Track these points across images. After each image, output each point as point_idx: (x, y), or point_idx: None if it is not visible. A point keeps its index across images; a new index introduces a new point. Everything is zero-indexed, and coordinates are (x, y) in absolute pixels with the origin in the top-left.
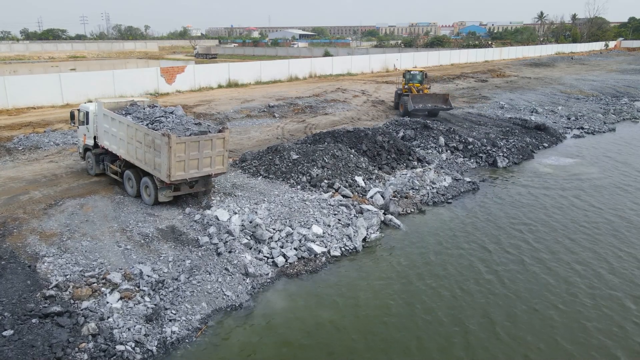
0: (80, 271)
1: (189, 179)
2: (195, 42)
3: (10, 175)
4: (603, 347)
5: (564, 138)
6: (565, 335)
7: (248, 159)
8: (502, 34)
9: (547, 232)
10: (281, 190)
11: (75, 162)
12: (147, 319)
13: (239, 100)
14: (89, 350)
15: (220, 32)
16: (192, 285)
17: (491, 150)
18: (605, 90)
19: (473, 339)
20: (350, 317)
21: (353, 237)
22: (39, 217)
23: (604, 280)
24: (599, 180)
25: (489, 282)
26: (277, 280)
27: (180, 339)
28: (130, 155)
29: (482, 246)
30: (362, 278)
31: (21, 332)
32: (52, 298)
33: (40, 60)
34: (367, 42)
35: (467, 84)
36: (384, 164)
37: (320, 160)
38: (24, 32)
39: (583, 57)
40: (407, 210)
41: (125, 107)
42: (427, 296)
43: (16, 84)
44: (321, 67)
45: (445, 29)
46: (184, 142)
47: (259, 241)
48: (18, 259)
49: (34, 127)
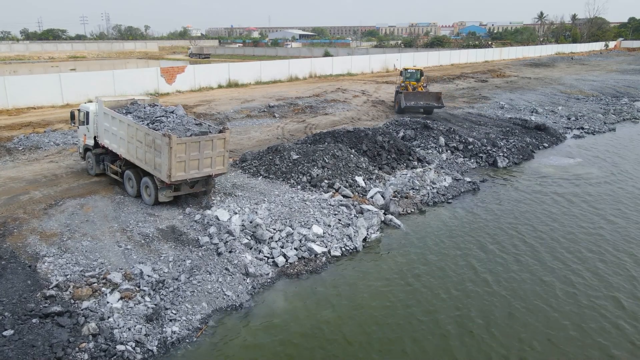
0: (81, 271)
1: (189, 179)
2: (195, 42)
3: (11, 175)
4: (602, 348)
5: (564, 138)
6: (562, 335)
7: (248, 159)
8: (502, 34)
9: (547, 232)
10: (281, 190)
11: (75, 162)
12: (147, 319)
13: (239, 100)
14: (90, 350)
15: (220, 32)
16: (192, 285)
17: (491, 150)
18: (605, 90)
19: (471, 339)
20: (351, 317)
21: (353, 237)
22: (39, 217)
23: (603, 280)
24: (599, 180)
25: (489, 282)
26: (278, 280)
27: (181, 338)
28: (130, 155)
29: (482, 246)
30: (363, 278)
31: (21, 332)
32: (53, 298)
33: (40, 60)
34: (367, 42)
35: (467, 84)
36: (384, 164)
37: (320, 160)
38: (24, 32)
39: (583, 57)
40: (408, 210)
41: (125, 105)
42: (427, 296)
43: (16, 84)
44: (321, 67)
45: (445, 29)
46: (185, 142)
47: (259, 241)
48: (18, 258)
49: (34, 127)
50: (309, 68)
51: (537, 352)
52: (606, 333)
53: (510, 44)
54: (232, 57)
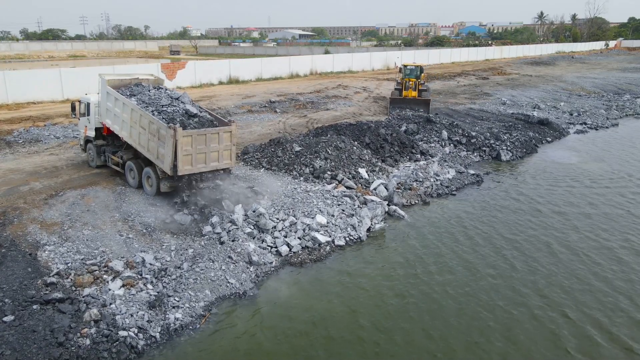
0: (82, 259)
1: (196, 173)
2: (195, 42)
3: (11, 167)
4: (602, 347)
5: (567, 133)
6: (564, 326)
7: (250, 151)
8: (501, 34)
9: (551, 223)
10: (284, 182)
11: (75, 154)
12: (150, 306)
13: (240, 96)
14: (92, 336)
15: (220, 33)
16: (195, 272)
17: (494, 144)
18: (607, 87)
19: (476, 327)
20: (354, 306)
21: (357, 227)
22: (40, 207)
23: (606, 269)
24: (602, 173)
25: (493, 273)
26: (281, 269)
27: (184, 325)
28: (132, 139)
29: (486, 237)
30: (367, 267)
31: (22, 317)
32: (54, 285)
33: (40, 59)
34: (367, 42)
35: (469, 81)
36: (387, 157)
37: (323, 152)
38: (23, 32)
39: (583, 56)
40: (411, 202)
41: (129, 85)
42: (430, 286)
43: (16, 79)
44: (322, 64)
45: (445, 30)
46: (191, 135)
47: (262, 230)
48: (19, 247)
49: (34, 121)
50: (309, 65)
51: (529, 337)
52: (608, 330)
53: (510, 43)
54: (232, 56)
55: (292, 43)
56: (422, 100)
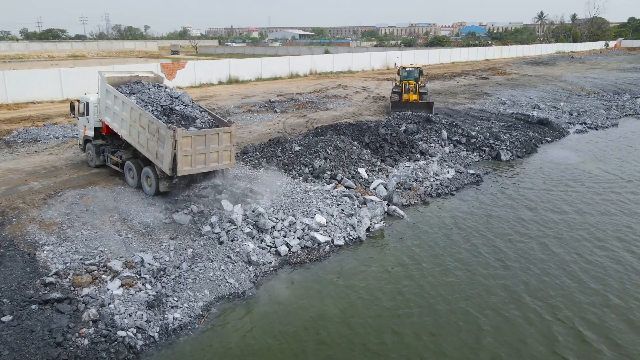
0: (81, 259)
1: (196, 174)
2: (195, 42)
3: (10, 167)
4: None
5: (567, 133)
6: (555, 326)
7: (250, 151)
8: (501, 34)
9: (551, 222)
10: (283, 182)
11: (75, 154)
12: (148, 306)
13: (239, 95)
14: (90, 336)
15: (220, 33)
16: (194, 272)
17: (494, 143)
18: (607, 87)
19: (476, 327)
20: (354, 306)
21: (357, 226)
22: (39, 207)
23: (606, 269)
24: (601, 173)
25: (493, 273)
26: (281, 269)
27: (183, 325)
28: (132, 138)
29: (486, 237)
30: (366, 267)
31: (20, 317)
32: (52, 285)
33: (40, 59)
34: (366, 42)
35: (468, 81)
36: (386, 157)
37: (322, 152)
38: (23, 32)
39: (583, 56)
40: (411, 202)
41: (129, 83)
42: (429, 286)
43: (16, 79)
44: (322, 64)
45: (445, 30)
46: (190, 135)
47: (261, 230)
48: (17, 247)
49: (34, 121)
50: (309, 65)
51: (534, 338)
52: (608, 328)
53: (510, 43)
54: (232, 56)
55: (292, 43)
56: (424, 104)
